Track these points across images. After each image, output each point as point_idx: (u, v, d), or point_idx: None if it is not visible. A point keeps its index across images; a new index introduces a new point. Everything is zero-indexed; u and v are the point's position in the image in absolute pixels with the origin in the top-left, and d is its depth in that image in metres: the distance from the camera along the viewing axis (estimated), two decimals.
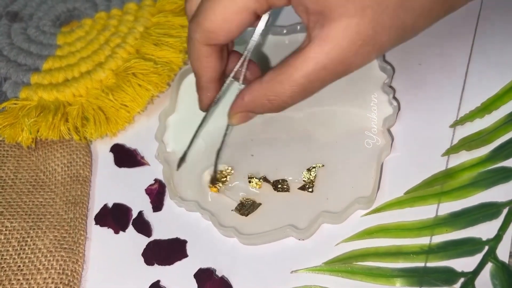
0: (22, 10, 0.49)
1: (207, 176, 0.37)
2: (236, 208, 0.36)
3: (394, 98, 0.38)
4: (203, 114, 0.41)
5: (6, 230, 0.37)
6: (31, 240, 0.37)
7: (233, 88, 0.36)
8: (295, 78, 0.29)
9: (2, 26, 0.47)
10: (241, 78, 0.34)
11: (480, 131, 0.36)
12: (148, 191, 0.39)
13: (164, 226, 0.37)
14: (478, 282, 0.31)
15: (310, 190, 0.35)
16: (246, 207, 0.35)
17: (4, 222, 0.37)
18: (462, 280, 0.31)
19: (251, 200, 0.36)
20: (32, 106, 0.42)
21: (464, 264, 0.31)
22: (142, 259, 0.36)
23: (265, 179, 0.36)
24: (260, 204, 0.36)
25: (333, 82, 0.29)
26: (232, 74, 0.34)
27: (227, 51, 0.34)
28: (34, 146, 0.41)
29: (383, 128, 0.37)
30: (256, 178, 0.36)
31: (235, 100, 0.33)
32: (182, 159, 0.38)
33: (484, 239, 0.32)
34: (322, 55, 0.27)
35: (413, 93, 0.39)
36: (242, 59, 0.33)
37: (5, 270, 0.35)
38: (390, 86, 0.39)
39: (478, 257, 0.32)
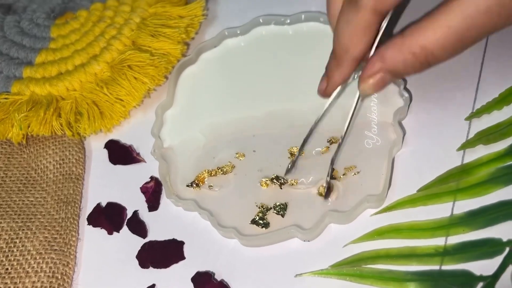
0: (15, 2, 0.48)
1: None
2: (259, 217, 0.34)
3: (405, 89, 0.37)
4: (202, 109, 0.40)
5: None
6: (20, 242, 0.35)
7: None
8: (451, 24, 0.25)
9: None
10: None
11: (498, 123, 0.34)
12: (144, 189, 0.37)
13: (160, 226, 0.36)
14: (499, 286, 0.29)
15: (330, 197, 0.33)
16: (278, 209, 0.34)
17: None
18: (480, 284, 0.30)
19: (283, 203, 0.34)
20: (23, 100, 0.41)
21: (483, 267, 0.30)
22: (137, 262, 0.35)
23: (276, 178, 0.35)
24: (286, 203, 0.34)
25: (491, 33, 0.26)
26: (372, 53, 0.30)
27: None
28: (25, 143, 0.40)
29: (393, 121, 0.35)
30: (267, 178, 0.35)
31: (369, 61, 0.29)
32: (292, 167, 0.35)
33: (504, 240, 0.31)
34: None
35: (425, 84, 0.37)
36: (379, 35, 0.30)
37: None
38: None
39: (498, 260, 0.30)
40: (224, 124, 0.38)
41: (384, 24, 0.30)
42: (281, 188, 0.34)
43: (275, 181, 0.35)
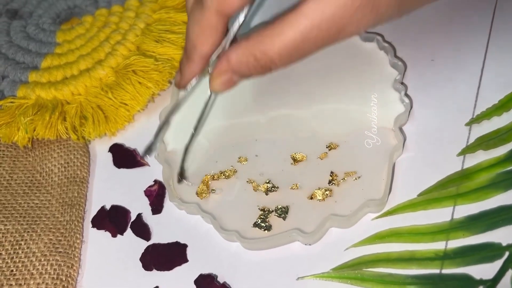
0: (22, 7, 0.49)
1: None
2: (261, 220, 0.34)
3: (406, 95, 0.37)
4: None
5: None
6: (25, 244, 0.36)
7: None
8: (287, 35, 0.27)
9: (1, 24, 0.47)
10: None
11: (498, 129, 0.35)
12: (148, 192, 0.38)
13: (163, 229, 0.36)
14: None
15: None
16: (280, 212, 0.34)
17: None
18: None
19: (285, 206, 0.34)
20: (29, 104, 0.41)
21: (483, 271, 0.30)
22: (140, 264, 0.35)
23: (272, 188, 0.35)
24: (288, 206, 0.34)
25: (323, 47, 0.28)
26: (218, 52, 0.32)
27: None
28: (30, 146, 0.41)
29: (394, 127, 0.35)
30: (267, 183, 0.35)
31: (218, 61, 0.31)
32: (181, 175, 0.36)
33: (504, 244, 0.31)
34: (318, 13, 0.26)
35: (426, 90, 0.37)
36: (230, 36, 0.31)
37: None
38: (402, 83, 0.38)
39: (498, 264, 0.30)
40: (226, 129, 0.38)
41: (236, 26, 0.31)
42: (267, 195, 0.35)
43: (268, 186, 0.35)
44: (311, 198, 0.34)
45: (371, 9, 0.26)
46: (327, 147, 0.36)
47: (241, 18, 0.30)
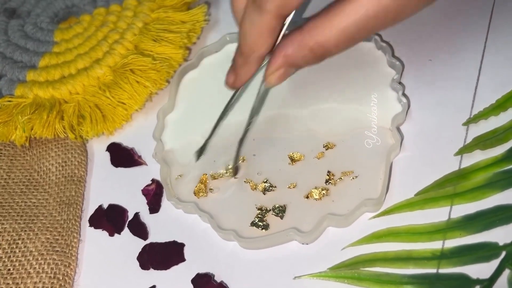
0: (20, 6, 0.48)
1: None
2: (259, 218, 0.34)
3: (404, 95, 0.37)
4: (203, 112, 0.40)
5: None
6: (22, 243, 0.35)
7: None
8: (343, 26, 0.27)
9: None
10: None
11: (495, 129, 0.35)
12: (145, 191, 0.38)
13: (161, 228, 0.36)
14: None
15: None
16: (277, 211, 0.34)
17: None
18: (477, 287, 0.30)
19: (282, 205, 0.34)
20: (27, 103, 0.41)
21: (480, 270, 0.30)
22: (138, 263, 0.35)
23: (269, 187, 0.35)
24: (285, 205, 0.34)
25: (378, 31, 0.28)
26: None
27: None
28: (28, 145, 0.41)
29: (392, 126, 0.35)
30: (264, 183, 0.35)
31: (272, 56, 0.31)
32: (202, 150, 0.37)
33: (501, 244, 0.31)
34: (375, 2, 0.27)
35: (423, 90, 0.37)
36: (282, 34, 0.31)
37: None
38: (400, 83, 0.38)
39: (494, 263, 0.30)
40: (224, 128, 0.38)
41: (287, 21, 0.31)
42: (264, 194, 0.35)
43: (265, 185, 0.35)
44: (307, 197, 0.34)
45: None
46: (324, 147, 0.36)
47: (291, 13, 0.31)
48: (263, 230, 0.33)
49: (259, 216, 0.34)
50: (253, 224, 0.34)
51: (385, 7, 0.27)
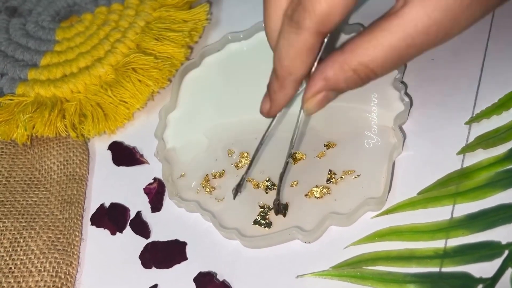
0: (21, 5, 0.48)
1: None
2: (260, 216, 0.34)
3: (406, 94, 0.37)
4: (205, 111, 0.40)
5: None
6: (23, 241, 0.35)
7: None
8: (390, 43, 0.25)
9: (0, 21, 0.47)
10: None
11: (497, 128, 0.34)
12: (147, 190, 0.37)
13: (163, 227, 0.36)
14: None
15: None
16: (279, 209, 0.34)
17: None
18: (480, 286, 0.30)
19: (282, 203, 0.34)
20: (28, 102, 0.41)
21: (482, 269, 0.30)
22: (140, 262, 0.35)
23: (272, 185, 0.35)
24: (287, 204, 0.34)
25: (428, 50, 0.26)
26: (312, 70, 0.29)
27: None
28: (29, 144, 0.41)
29: (394, 125, 0.35)
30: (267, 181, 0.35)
31: (310, 80, 0.28)
32: (239, 186, 0.34)
33: (503, 242, 0.31)
34: (424, 18, 0.24)
35: (425, 89, 0.37)
36: (320, 52, 0.29)
37: None
38: (402, 82, 0.38)
39: (497, 262, 0.30)
40: (226, 127, 0.38)
41: (326, 40, 0.28)
42: (266, 193, 0.35)
43: (267, 184, 0.35)
44: (308, 195, 0.34)
45: (481, 3, 0.24)
46: (325, 146, 0.36)
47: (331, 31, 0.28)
48: (266, 228, 0.33)
49: (261, 214, 0.34)
50: (256, 222, 0.34)
51: (436, 21, 0.24)
